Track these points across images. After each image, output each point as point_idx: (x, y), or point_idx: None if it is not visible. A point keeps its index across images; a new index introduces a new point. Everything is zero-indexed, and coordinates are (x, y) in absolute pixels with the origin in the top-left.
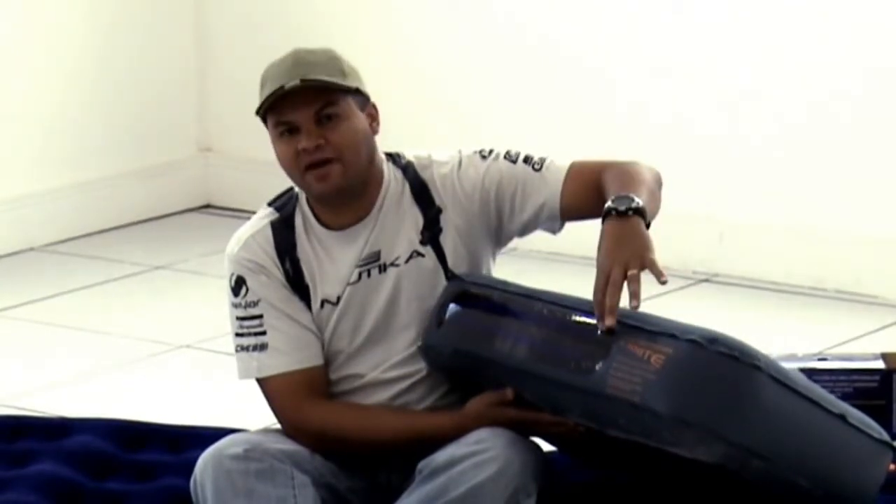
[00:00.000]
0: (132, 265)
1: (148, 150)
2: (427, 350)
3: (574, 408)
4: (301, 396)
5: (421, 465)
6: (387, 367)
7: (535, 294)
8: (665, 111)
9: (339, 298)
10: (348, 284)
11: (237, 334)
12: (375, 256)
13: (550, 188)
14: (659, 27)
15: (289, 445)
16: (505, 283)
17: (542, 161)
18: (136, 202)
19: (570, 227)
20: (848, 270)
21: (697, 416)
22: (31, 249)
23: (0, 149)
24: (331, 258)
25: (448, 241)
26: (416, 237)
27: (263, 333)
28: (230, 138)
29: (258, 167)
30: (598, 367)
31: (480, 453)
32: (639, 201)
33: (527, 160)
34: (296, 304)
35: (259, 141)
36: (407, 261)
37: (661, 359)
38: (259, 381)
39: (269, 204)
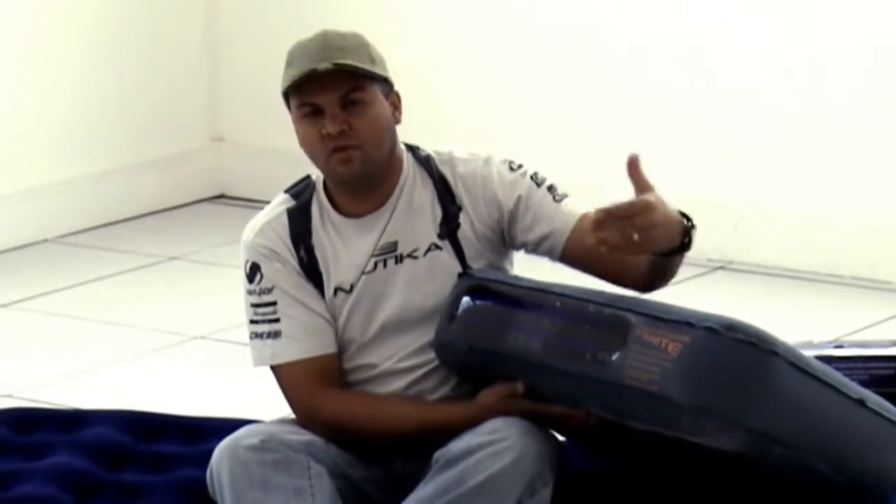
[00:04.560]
0: (145, 256)
1: (161, 141)
2: (441, 347)
3: (591, 400)
4: (313, 384)
5: (437, 454)
6: (401, 356)
7: (547, 287)
8: (681, 100)
9: (352, 287)
10: (363, 273)
11: (251, 321)
12: (392, 247)
13: (561, 223)
14: (673, 16)
15: (304, 436)
16: (516, 277)
17: (564, 196)
18: (149, 193)
19: None
20: (864, 257)
21: (717, 404)
22: (45, 241)
23: (13, 140)
24: (346, 245)
25: (465, 237)
26: (434, 230)
27: (277, 321)
28: (243, 128)
29: (271, 157)
30: (614, 357)
31: (497, 442)
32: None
33: (550, 188)
34: (310, 292)
35: (272, 130)
36: (426, 253)
37: (678, 347)
38: (273, 368)
39: (286, 191)
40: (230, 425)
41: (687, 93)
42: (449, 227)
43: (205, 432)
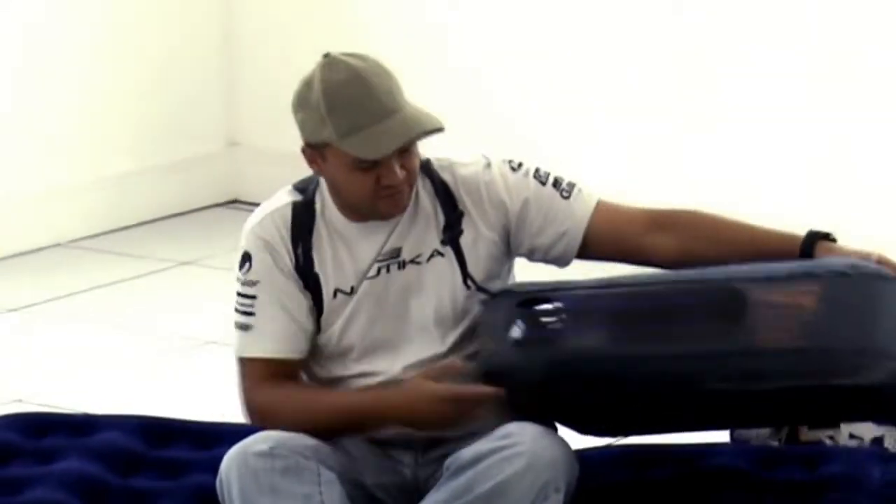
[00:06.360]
0: (159, 261)
1: (176, 145)
2: (509, 375)
3: (713, 375)
4: (263, 382)
5: (448, 461)
6: (405, 366)
7: (610, 282)
8: (701, 104)
9: (353, 289)
10: (366, 278)
11: (235, 308)
12: (396, 252)
13: (576, 218)
14: (690, 25)
15: (315, 441)
16: (565, 282)
17: (571, 188)
18: (164, 197)
19: None
20: None
21: (872, 340)
22: (58, 245)
23: (28, 145)
24: (348, 249)
25: (468, 244)
26: (437, 237)
27: (252, 314)
28: (259, 133)
29: (286, 162)
30: (738, 327)
31: (508, 448)
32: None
33: (556, 184)
34: (293, 294)
35: (287, 135)
36: (429, 259)
37: (813, 298)
38: (237, 360)
39: (294, 185)
40: (242, 431)
41: (690, 96)
42: (452, 234)
43: (217, 438)
